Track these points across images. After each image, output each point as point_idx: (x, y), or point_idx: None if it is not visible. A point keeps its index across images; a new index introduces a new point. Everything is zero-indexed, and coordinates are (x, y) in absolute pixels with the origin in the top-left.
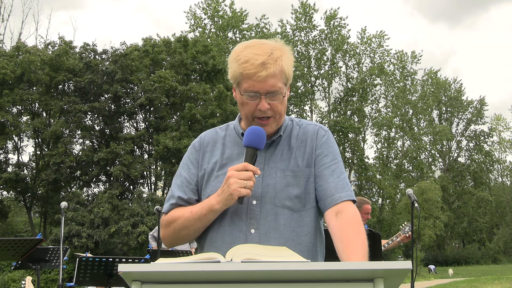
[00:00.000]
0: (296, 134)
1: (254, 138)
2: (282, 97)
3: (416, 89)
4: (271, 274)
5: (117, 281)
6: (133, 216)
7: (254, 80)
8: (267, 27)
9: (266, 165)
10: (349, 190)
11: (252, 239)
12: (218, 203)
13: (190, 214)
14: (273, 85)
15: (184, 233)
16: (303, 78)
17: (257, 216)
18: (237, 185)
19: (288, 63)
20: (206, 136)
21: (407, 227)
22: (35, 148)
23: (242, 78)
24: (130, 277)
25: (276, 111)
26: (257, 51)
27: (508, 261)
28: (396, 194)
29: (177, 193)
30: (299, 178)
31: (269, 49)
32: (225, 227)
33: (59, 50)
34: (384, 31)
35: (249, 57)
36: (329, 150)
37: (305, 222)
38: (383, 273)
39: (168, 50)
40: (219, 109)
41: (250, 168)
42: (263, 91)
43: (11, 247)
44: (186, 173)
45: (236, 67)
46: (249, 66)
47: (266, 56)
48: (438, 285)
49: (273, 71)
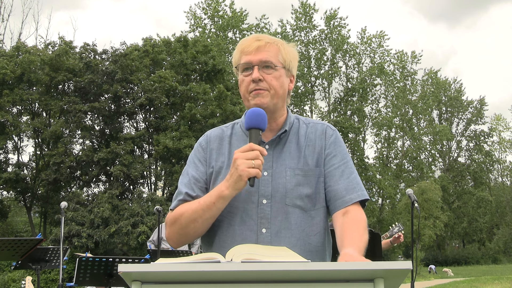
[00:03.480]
0: (304, 132)
1: (255, 119)
2: (276, 73)
3: (416, 89)
4: (271, 274)
5: (117, 281)
6: (133, 216)
7: (247, 52)
8: (267, 27)
9: (274, 162)
10: (360, 190)
11: (263, 239)
12: (227, 188)
13: (198, 205)
14: (265, 56)
15: (192, 227)
16: (303, 78)
17: (268, 215)
18: (245, 165)
19: (287, 50)
20: (212, 134)
21: (396, 227)
22: (35, 148)
23: (240, 57)
24: (130, 277)
25: (270, 84)
26: (257, 35)
27: (508, 261)
28: (396, 194)
29: (185, 189)
30: (310, 178)
31: (270, 37)
32: (235, 227)
33: (59, 50)
34: (384, 31)
35: (248, 39)
36: (338, 150)
37: (315, 222)
38: (383, 273)
39: (168, 50)
40: (219, 109)
41: (255, 147)
42: (255, 61)
43: (11, 247)
44: (194, 171)
45: (236, 51)
46: (244, 42)
47: (262, 36)
48: (438, 285)
49: (265, 44)
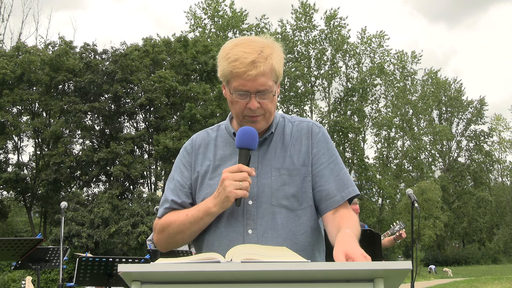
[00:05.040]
0: (289, 131)
1: (246, 139)
2: (272, 96)
3: (416, 89)
4: (271, 274)
5: (117, 281)
6: (133, 216)
7: (244, 79)
8: (267, 27)
9: (260, 163)
10: (351, 186)
11: (249, 240)
12: (215, 206)
13: (186, 217)
14: (263, 83)
15: (179, 237)
16: (303, 78)
17: (254, 216)
18: (233, 186)
19: (278, 61)
20: (198, 138)
21: (398, 225)
22: (35, 148)
23: (231, 77)
24: (129, 277)
25: (266, 109)
26: (246, 49)
27: (508, 261)
28: (396, 194)
29: (171, 197)
30: (295, 177)
31: (259, 47)
32: (221, 229)
33: (59, 50)
34: (384, 31)
35: (238, 55)
36: (326, 147)
37: (302, 221)
38: (383, 273)
39: (168, 50)
40: (219, 109)
41: (244, 169)
42: (253, 90)
43: (11, 247)
44: (179, 176)
45: (225, 65)
46: (238, 64)
47: (256, 55)
48: (438, 285)
49: (263, 70)
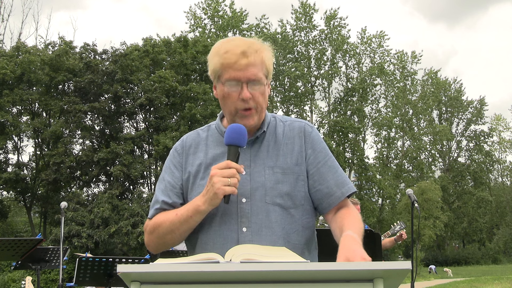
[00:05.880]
0: (281, 131)
1: (235, 136)
2: (263, 88)
3: (416, 89)
4: (271, 275)
5: (117, 281)
6: (133, 216)
7: (235, 69)
8: (267, 27)
9: (252, 162)
10: (348, 183)
11: (244, 238)
12: (204, 203)
13: (176, 217)
14: (254, 73)
15: (170, 237)
16: (303, 78)
17: (248, 214)
18: (221, 183)
19: (268, 57)
20: (188, 138)
21: (398, 226)
22: (35, 148)
23: (223, 69)
24: (129, 278)
25: (257, 102)
26: (237, 43)
27: (508, 261)
28: (396, 194)
29: (161, 197)
30: (288, 176)
31: (249, 42)
32: (215, 228)
33: (59, 50)
34: (384, 31)
35: (229, 48)
36: (321, 146)
37: (295, 220)
38: (382, 273)
39: (168, 50)
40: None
41: (233, 165)
42: (244, 79)
43: (11, 247)
44: (170, 177)
45: (216, 59)
46: (229, 55)
47: (246, 47)
48: (438, 285)
49: (254, 60)
